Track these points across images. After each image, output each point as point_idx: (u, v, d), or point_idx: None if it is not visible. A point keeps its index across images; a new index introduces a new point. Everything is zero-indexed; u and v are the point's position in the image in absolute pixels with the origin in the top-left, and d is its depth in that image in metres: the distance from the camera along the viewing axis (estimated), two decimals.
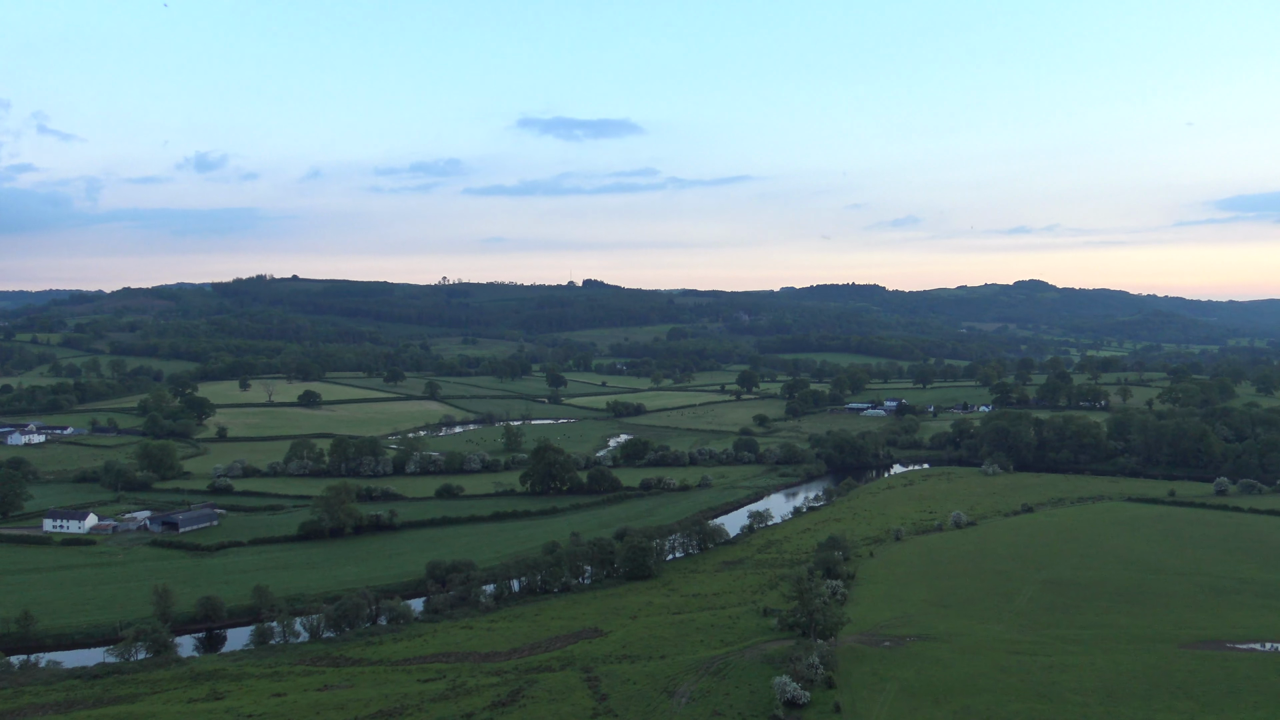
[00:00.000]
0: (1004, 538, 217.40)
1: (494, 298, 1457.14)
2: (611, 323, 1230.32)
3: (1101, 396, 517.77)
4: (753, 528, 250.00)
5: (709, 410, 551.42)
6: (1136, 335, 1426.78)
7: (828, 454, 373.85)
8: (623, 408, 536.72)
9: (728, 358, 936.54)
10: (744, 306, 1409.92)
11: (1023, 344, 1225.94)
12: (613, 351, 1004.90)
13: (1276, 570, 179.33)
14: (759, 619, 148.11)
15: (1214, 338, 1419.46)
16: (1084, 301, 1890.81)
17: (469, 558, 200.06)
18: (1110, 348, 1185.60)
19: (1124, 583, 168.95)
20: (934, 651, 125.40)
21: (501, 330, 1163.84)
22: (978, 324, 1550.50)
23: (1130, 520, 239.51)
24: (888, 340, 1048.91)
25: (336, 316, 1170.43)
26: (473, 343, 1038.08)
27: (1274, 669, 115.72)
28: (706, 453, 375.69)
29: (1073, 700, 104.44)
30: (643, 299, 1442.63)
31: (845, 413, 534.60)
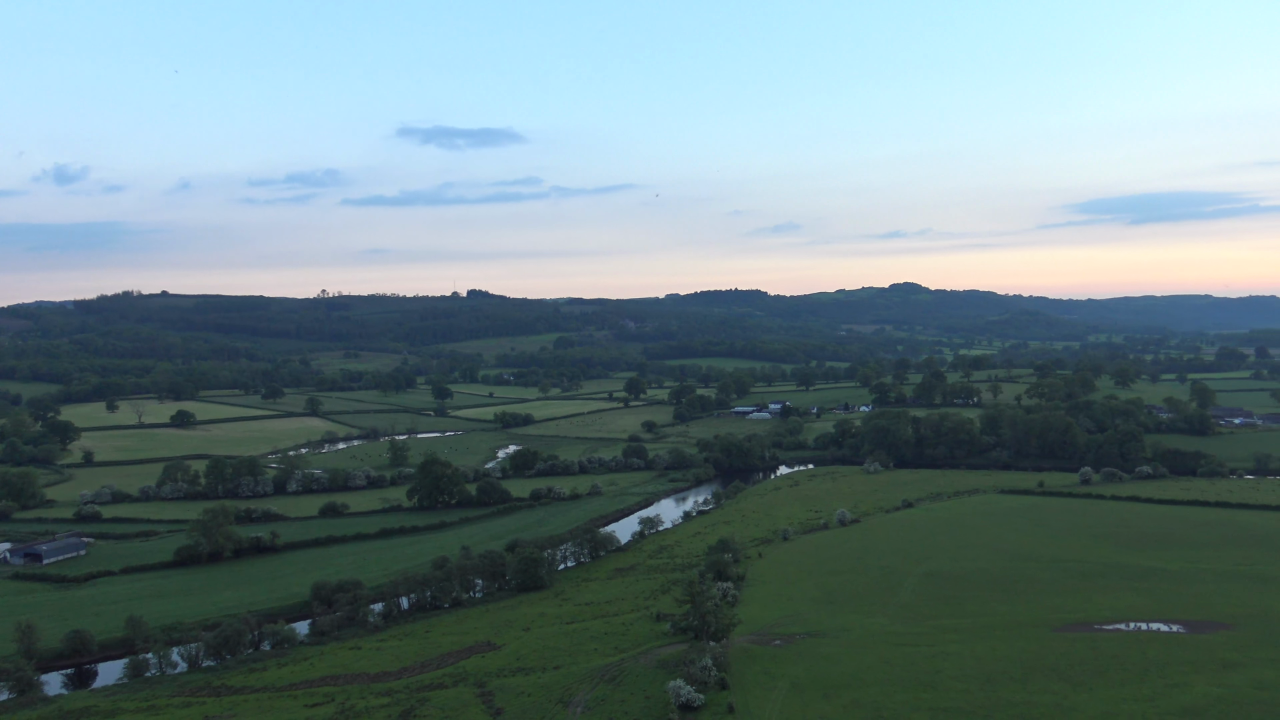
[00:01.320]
0: (886, 533, 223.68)
1: (376, 310, 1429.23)
2: (497, 333, 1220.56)
3: (974, 394, 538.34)
4: (644, 534, 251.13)
5: (598, 418, 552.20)
6: (1005, 334, 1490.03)
7: (716, 458, 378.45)
8: (511, 418, 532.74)
9: (615, 365, 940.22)
10: (630, 314, 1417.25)
11: (899, 345, 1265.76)
12: (499, 362, 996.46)
13: (1137, 554, 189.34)
14: (652, 624, 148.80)
15: (1075, 334, 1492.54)
16: (956, 302, 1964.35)
17: (356, 576, 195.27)
18: (981, 346, 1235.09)
19: (999, 571, 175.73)
20: (823, 647, 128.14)
21: (384, 343, 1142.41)
22: (856, 326, 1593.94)
23: (1003, 511, 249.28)
24: (771, 344, 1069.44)
25: (210, 333, 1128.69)
26: (355, 356, 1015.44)
27: (1137, 647, 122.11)
28: (596, 460, 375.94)
29: (955, 687, 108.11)
30: (529, 308, 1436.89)
31: (731, 416, 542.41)
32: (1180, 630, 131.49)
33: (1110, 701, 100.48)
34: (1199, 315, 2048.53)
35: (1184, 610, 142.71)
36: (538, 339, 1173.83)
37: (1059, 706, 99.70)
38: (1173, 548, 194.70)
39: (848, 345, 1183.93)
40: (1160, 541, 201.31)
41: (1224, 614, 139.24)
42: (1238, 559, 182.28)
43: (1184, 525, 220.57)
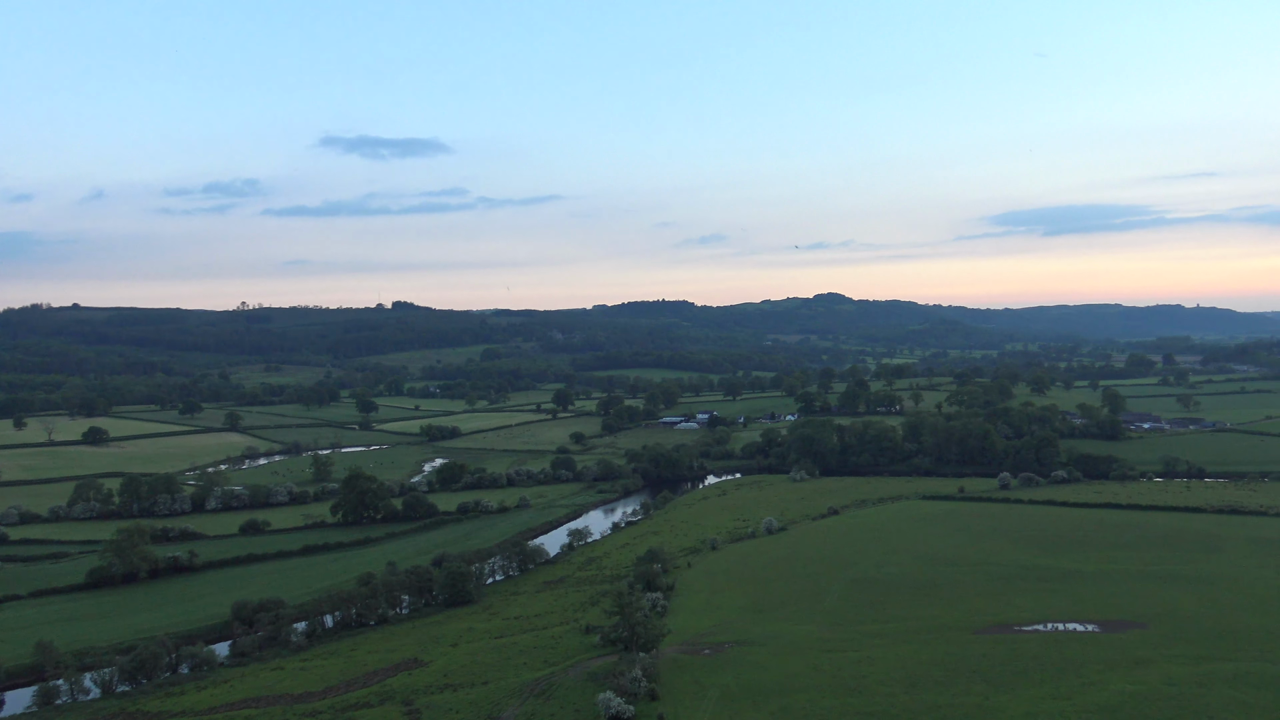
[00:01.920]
0: (813, 541, 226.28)
1: (298, 322, 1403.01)
2: (423, 345, 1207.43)
3: (896, 402, 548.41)
4: (573, 546, 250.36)
5: (526, 430, 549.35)
6: (925, 343, 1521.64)
7: (644, 468, 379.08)
8: (437, 431, 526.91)
9: (543, 377, 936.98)
10: (558, 325, 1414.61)
11: (824, 354, 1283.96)
12: (425, 374, 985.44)
13: (1054, 556, 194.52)
14: (582, 637, 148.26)
15: (993, 343, 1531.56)
16: (878, 312, 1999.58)
17: (278, 595, 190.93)
18: (903, 355, 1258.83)
19: (922, 576, 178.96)
20: (752, 655, 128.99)
21: (307, 356, 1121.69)
22: (782, 336, 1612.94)
23: (926, 517, 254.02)
24: (698, 355, 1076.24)
25: (124, 347, 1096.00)
26: (276, 370, 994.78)
27: (1055, 647, 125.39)
28: (524, 473, 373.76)
29: (880, 691, 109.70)
30: (455, 320, 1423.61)
31: (660, 427, 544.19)
32: (1095, 630, 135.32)
33: (1030, 701, 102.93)
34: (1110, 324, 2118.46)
35: (1099, 610, 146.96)
36: (464, 351, 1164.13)
37: (981, 707, 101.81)
38: (1087, 549, 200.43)
39: (774, 355, 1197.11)
40: (1075, 544, 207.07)
41: (1136, 613, 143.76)
42: (1148, 559, 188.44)
43: (1098, 527, 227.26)
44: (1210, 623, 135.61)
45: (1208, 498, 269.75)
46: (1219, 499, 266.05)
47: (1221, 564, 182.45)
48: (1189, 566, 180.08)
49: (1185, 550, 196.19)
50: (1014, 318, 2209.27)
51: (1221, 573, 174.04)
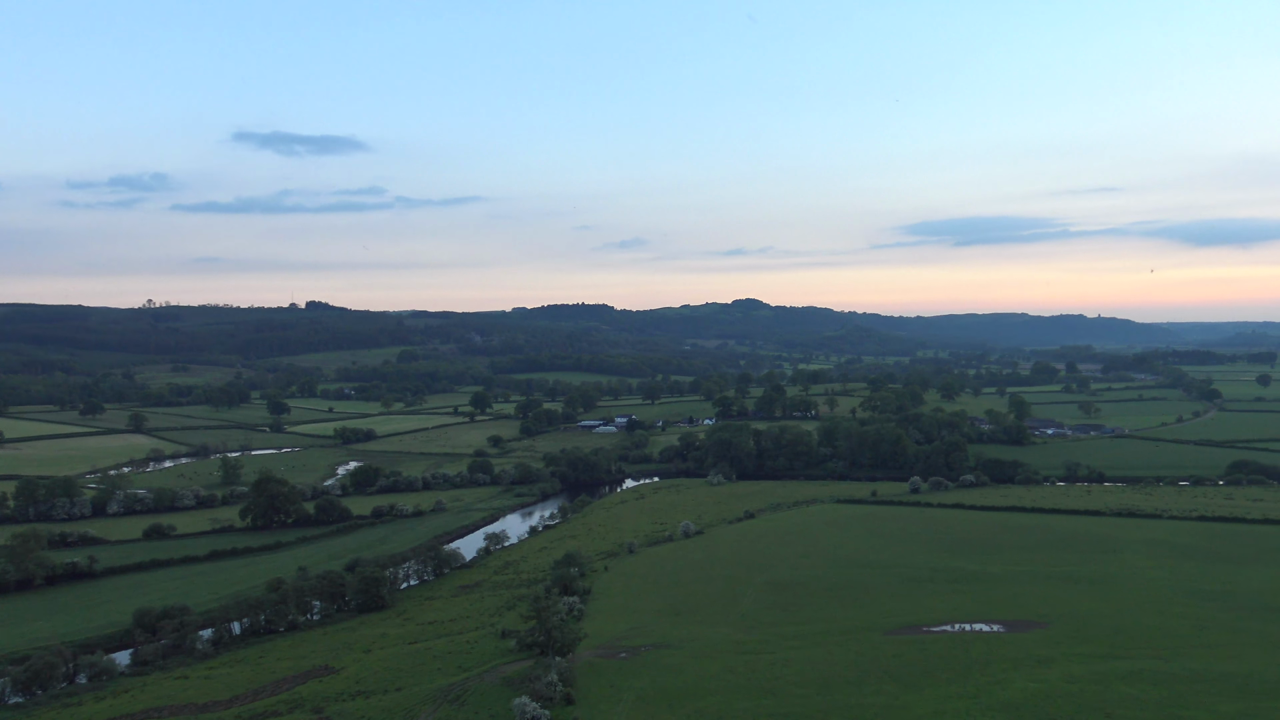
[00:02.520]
0: (729, 544, 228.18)
1: (207, 321, 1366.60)
2: (338, 346, 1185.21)
3: (812, 407, 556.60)
4: (489, 550, 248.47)
5: (442, 433, 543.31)
6: (841, 349, 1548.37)
7: (562, 472, 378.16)
8: (351, 434, 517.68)
9: (461, 379, 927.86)
10: (476, 328, 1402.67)
11: (742, 359, 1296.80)
12: (340, 376, 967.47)
13: (962, 558, 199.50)
14: (497, 641, 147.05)
15: (905, 350, 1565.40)
16: (795, 318, 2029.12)
17: (183, 602, 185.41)
18: (819, 361, 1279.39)
19: (836, 579, 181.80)
20: (668, 659, 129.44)
21: (216, 356, 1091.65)
22: (701, 341, 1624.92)
23: (840, 520, 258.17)
24: (617, 358, 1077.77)
25: (21, 345, 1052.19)
26: (184, 370, 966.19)
27: (962, 647, 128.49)
28: (441, 476, 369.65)
29: (794, 693, 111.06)
30: (371, 321, 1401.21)
31: (578, 430, 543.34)
32: (1000, 630, 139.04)
33: (938, 700, 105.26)
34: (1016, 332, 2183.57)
35: (1003, 611, 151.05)
36: (380, 352, 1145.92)
37: (890, 707, 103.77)
38: (993, 552, 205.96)
39: (692, 359, 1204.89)
40: (982, 546, 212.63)
41: (1039, 613, 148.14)
42: (1051, 561, 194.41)
43: (1003, 530, 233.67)
44: (1108, 622, 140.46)
45: (1107, 501, 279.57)
46: (1117, 502, 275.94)
47: (1119, 565, 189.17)
48: (1089, 568, 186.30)
49: (1085, 552, 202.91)
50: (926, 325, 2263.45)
51: (1119, 574, 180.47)
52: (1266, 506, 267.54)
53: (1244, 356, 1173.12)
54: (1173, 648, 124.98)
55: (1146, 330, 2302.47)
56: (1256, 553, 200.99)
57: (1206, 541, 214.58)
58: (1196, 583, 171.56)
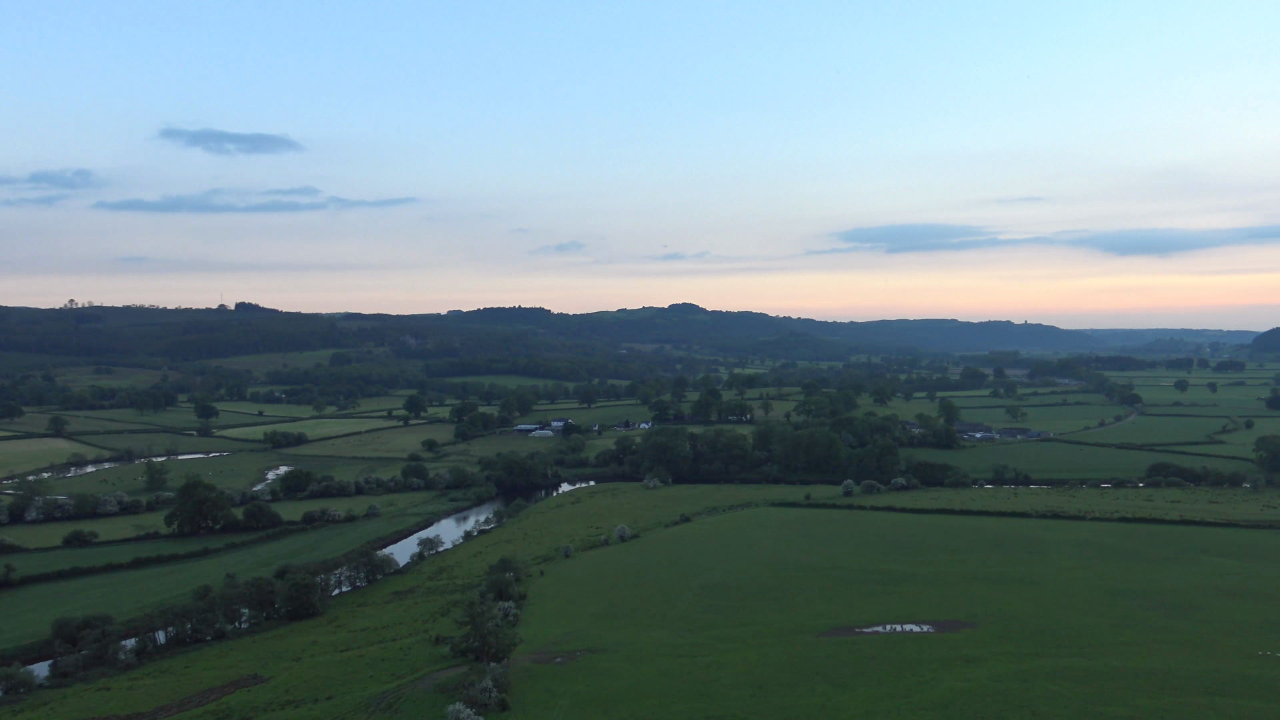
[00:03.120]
0: (665, 547, 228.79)
1: (133, 322, 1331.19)
2: (269, 348, 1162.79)
3: (747, 411, 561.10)
4: (423, 555, 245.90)
5: (376, 437, 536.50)
6: (776, 354, 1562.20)
7: (498, 476, 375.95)
8: (282, 438, 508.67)
9: (395, 383, 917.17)
10: (411, 330, 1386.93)
11: (678, 363, 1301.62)
12: (270, 379, 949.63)
13: (893, 560, 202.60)
14: (432, 648, 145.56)
15: (839, 355, 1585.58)
16: (731, 323, 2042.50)
17: (106, 611, 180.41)
18: (754, 365, 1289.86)
19: (770, 581, 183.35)
20: (603, 663, 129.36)
21: (142, 358, 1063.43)
22: (637, 345, 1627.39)
23: (774, 523, 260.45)
24: (554, 362, 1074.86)
25: None
26: (108, 372, 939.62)
27: (893, 647, 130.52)
28: (374, 481, 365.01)
29: (730, 695, 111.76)
30: (303, 323, 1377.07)
31: (514, 434, 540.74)
32: (930, 630, 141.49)
33: (870, 700, 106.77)
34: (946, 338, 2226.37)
35: (933, 611, 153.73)
36: (313, 355, 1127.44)
37: (824, 708, 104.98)
38: (924, 553, 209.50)
39: (629, 363, 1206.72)
40: (913, 548, 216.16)
41: (967, 613, 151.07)
42: (979, 562, 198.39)
43: (933, 532, 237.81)
44: (1034, 621, 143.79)
45: (1033, 503, 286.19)
46: (1043, 504, 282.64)
47: (1044, 566, 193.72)
48: (1015, 568, 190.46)
49: (1012, 553, 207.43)
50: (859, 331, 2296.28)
51: (1044, 574, 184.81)
52: (1184, 508, 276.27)
53: (1163, 363, 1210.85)
54: (1095, 645, 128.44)
55: (1071, 336, 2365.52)
56: (1174, 553, 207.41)
57: (1127, 542, 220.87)
58: (1117, 582, 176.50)
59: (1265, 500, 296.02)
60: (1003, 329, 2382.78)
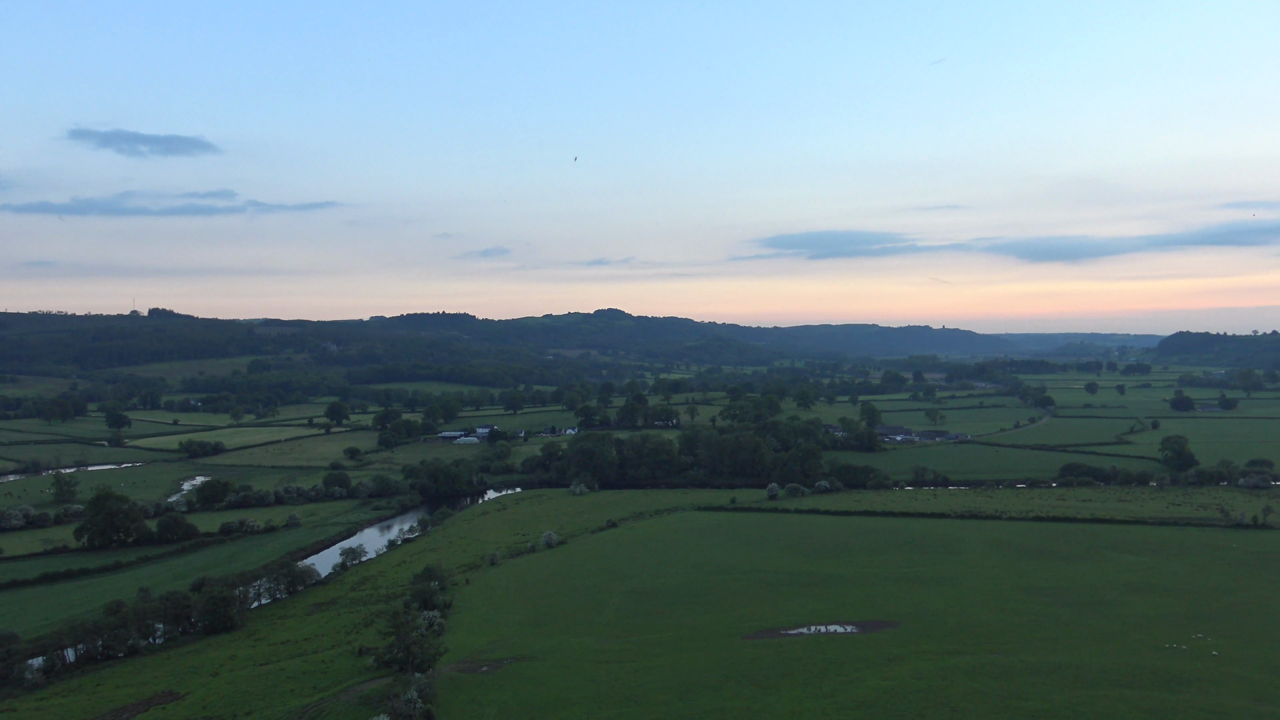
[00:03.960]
0: (592, 553, 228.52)
1: (39, 329, 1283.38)
2: (184, 356, 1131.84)
3: (673, 416, 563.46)
4: (346, 565, 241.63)
5: (296, 446, 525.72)
6: (701, 359, 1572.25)
7: (422, 484, 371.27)
8: (198, 447, 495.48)
9: (316, 390, 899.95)
10: (332, 337, 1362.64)
11: (604, 369, 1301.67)
12: (186, 387, 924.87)
13: (817, 562, 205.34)
14: (355, 660, 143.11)
15: (763, 359, 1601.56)
16: (657, 329, 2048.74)
17: (10, 629, 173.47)
18: (680, 370, 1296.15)
19: (696, 585, 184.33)
20: (530, 671, 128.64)
21: (49, 366, 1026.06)
22: (563, 351, 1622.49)
23: (700, 528, 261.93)
24: (479, 368, 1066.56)
25: None
26: (13, 381, 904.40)
27: (818, 648, 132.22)
28: (294, 490, 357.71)
29: (657, 699, 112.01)
30: (220, 330, 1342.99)
31: (439, 441, 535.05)
32: (854, 630, 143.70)
33: (795, 700, 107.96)
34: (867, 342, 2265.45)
35: (857, 612, 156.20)
36: (230, 362, 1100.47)
37: (750, 710, 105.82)
38: (847, 555, 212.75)
39: (555, 369, 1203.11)
40: (837, 550, 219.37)
41: (890, 613, 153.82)
42: (901, 562, 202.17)
43: (856, 534, 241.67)
44: (953, 619, 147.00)
45: (951, 504, 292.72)
46: (961, 505, 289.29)
47: (963, 565, 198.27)
48: (935, 568, 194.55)
49: (932, 553, 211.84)
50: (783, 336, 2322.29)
51: (963, 573, 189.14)
52: (1095, 506, 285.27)
53: (1074, 366, 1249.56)
54: (1012, 642, 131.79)
55: (987, 341, 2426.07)
56: (1086, 550, 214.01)
57: (1041, 540, 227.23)
58: (1033, 579, 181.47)
59: (1170, 498, 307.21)
60: (922, 334, 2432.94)
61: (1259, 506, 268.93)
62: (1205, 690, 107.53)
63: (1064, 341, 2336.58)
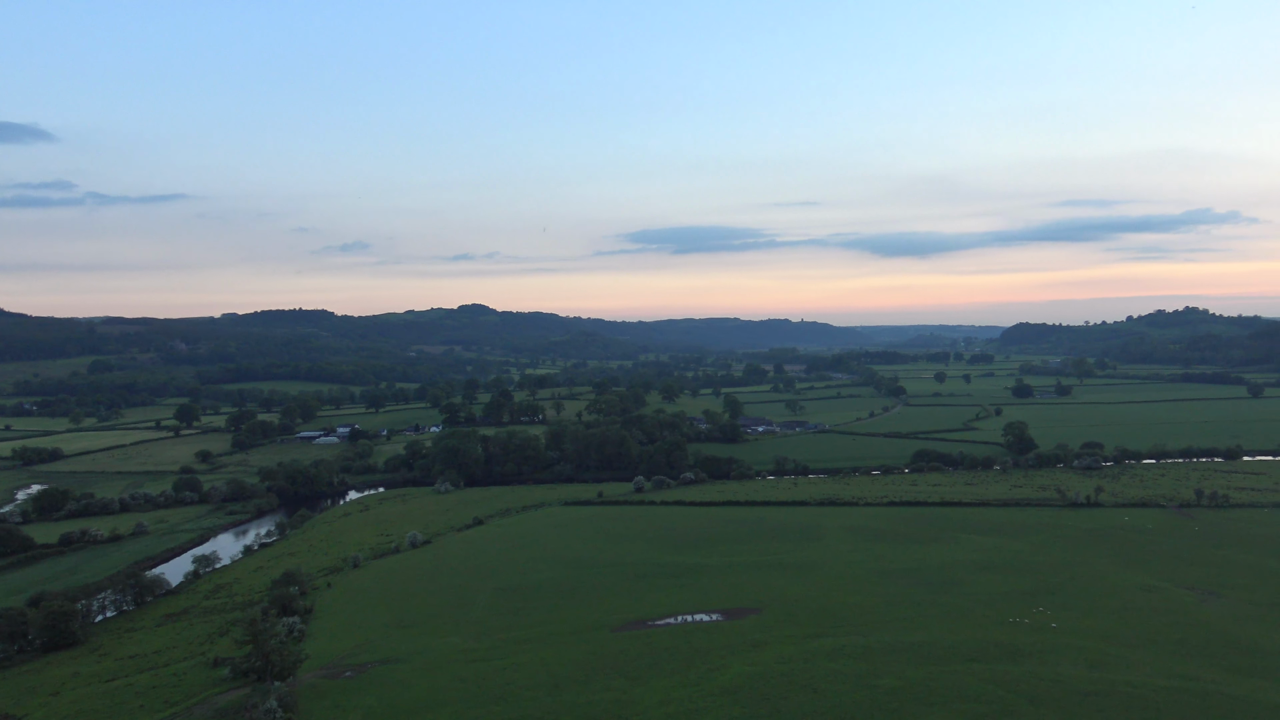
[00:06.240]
0: (458, 552, 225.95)
1: None
2: (15, 356, 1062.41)
3: (539, 411, 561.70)
4: (199, 573, 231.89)
5: (143, 449, 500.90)
6: (567, 354, 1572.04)
7: (280, 486, 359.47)
8: (34, 454, 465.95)
9: (164, 391, 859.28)
10: (182, 335, 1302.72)
11: (469, 365, 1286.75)
12: (19, 390, 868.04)
13: (683, 553, 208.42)
14: (209, 671, 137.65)
15: (629, 354, 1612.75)
16: (522, 324, 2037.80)
17: None
18: (545, 366, 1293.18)
19: (565, 580, 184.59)
20: (396, 674, 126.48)
21: None
22: (426, 347, 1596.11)
23: (568, 522, 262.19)
24: (339, 366, 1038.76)
25: None
26: None
27: (685, 638, 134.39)
28: (141, 496, 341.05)
29: (525, 696, 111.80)
30: (56, 329, 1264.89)
31: (297, 442, 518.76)
32: (719, 618, 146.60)
33: (663, 690, 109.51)
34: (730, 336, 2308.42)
35: (722, 600, 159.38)
36: (68, 363, 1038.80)
37: (619, 701, 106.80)
38: (712, 545, 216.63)
39: (418, 366, 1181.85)
40: (702, 540, 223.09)
41: (754, 600, 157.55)
42: (764, 550, 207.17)
43: (721, 524, 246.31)
44: (814, 604, 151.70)
45: (811, 492, 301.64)
46: (820, 493, 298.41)
47: (823, 551, 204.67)
48: (796, 555, 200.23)
49: (793, 540, 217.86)
50: (648, 330, 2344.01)
51: (823, 558, 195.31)
52: (945, 490, 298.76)
53: (924, 356, 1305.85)
54: (869, 623, 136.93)
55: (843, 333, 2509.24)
56: (937, 532, 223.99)
57: (896, 524, 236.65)
58: (888, 562, 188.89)
59: (1013, 481, 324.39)
60: (782, 326, 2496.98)
61: (1091, 486, 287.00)
62: (1046, 660, 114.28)
63: (915, 333, 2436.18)
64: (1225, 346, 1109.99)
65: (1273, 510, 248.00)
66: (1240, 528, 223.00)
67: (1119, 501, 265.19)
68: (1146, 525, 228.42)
